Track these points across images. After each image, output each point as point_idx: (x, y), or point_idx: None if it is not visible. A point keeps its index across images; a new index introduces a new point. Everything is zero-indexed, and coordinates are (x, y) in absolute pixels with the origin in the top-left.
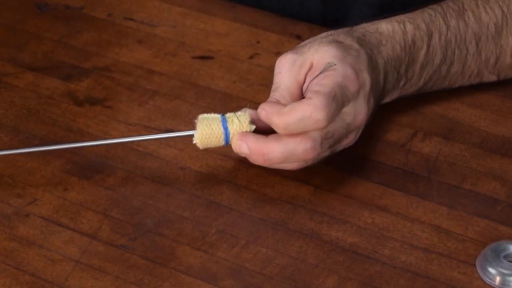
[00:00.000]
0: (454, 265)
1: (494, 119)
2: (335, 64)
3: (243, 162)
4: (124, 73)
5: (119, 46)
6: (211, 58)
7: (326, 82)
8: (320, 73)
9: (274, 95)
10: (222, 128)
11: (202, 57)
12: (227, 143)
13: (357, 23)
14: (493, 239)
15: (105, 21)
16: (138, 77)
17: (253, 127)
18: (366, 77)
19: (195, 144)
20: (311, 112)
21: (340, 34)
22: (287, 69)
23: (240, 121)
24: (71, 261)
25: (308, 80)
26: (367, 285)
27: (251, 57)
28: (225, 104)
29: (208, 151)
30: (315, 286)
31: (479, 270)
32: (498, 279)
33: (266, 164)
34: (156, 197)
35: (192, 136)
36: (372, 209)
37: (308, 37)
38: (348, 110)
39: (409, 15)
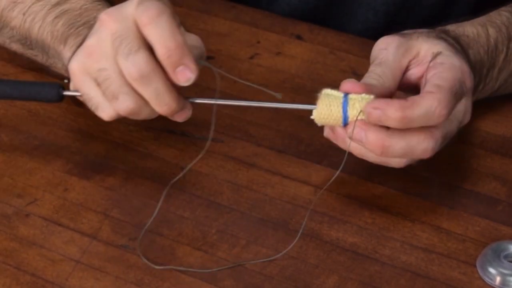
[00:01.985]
0: (454, 265)
1: (494, 119)
2: (441, 53)
3: (243, 162)
4: None
5: None
6: (211, 58)
7: (447, 76)
8: (432, 61)
9: (376, 70)
10: (341, 112)
11: None
12: (345, 125)
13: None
14: (493, 239)
15: None
16: None
17: None
18: (471, 81)
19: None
20: (436, 107)
21: (440, 33)
22: (394, 48)
23: (360, 107)
24: (72, 261)
25: (413, 68)
26: (368, 285)
27: (251, 57)
28: None
29: (208, 151)
30: (315, 286)
31: (479, 270)
32: (498, 279)
33: (380, 156)
34: (156, 197)
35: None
36: (372, 209)
37: (309, 37)
38: (460, 107)
39: (487, 17)
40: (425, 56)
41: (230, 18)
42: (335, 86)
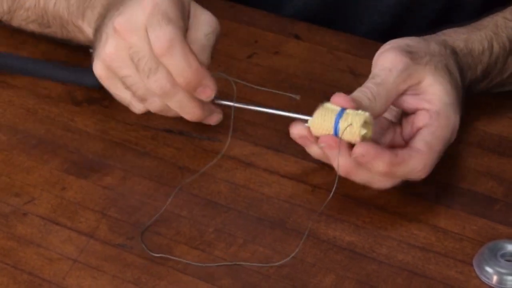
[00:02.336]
0: (451, 264)
1: (491, 118)
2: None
3: (240, 161)
4: None
5: None
6: None
7: (439, 135)
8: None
9: (373, 89)
10: (333, 123)
11: None
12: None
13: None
14: (490, 238)
15: None
16: None
17: (365, 131)
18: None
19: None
20: (420, 169)
21: (449, 59)
22: (398, 71)
23: (352, 122)
24: (69, 260)
25: (409, 93)
26: (365, 284)
27: (249, 57)
28: None
29: (206, 150)
30: (312, 285)
31: (476, 269)
32: (495, 278)
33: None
34: (154, 196)
35: (305, 120)
36: (369, 208)
37: (307, 37)
38: None
39: (495, 30)
40: (424, 87)
41: (228, 17)
42: (333, 85)
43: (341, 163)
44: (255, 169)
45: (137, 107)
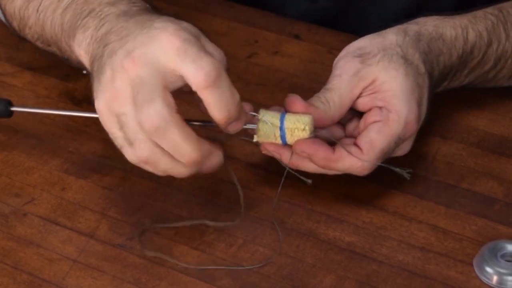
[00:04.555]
0: (451, 264)
1: (491, 119)
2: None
3: (240, 161)
4: None
5: None
6: None
7: (384, 132)
8: (382, 93)
9: (326, 95)
10: (279, 131)
11: None
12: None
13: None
14: (490, 238)
15: None
16: None
17: (308, 132)
18: (424, 108)
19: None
20: (358, 167)
21: (408, 47)
22: (348, 77)
23: (296, 125)
24: (69, 260)
25: (364, 95)
26: (365, 284)
27: (249, 57)
28: None
29: None
30: (312, 285)
31: (476, 269)
32: (495, 278)
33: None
34: (154, 197)
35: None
36: (369, 208)
37: (306, 37)
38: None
39: (472, 19)
40: (379, 85)
41: (228, 17)
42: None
43: (288, 160)
44: (255, 168)
45: (128, 152)
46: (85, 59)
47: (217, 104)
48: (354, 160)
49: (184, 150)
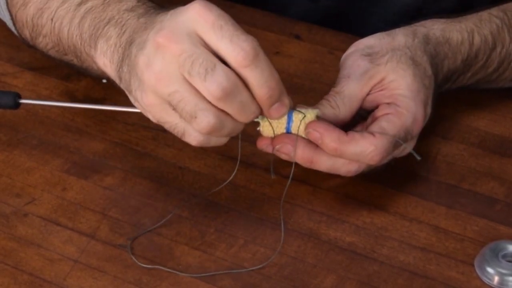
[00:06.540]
0: (452, 265)
1: (492, 119)
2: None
3: (241, 161)
4: None
5: None
6: None
7: (395, 122)
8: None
9: (335, 97)
10: (286, 118)
11: None
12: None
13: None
14: (491, 238)
15: None
16: None
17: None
18: (429, 109)
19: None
20: (370, 151)
21: (417, 49)
22: (357, 77)
23: (305, 114)
24: (70, 261)
25: (373, 93)
26: (366, 285)
27: None
28: None
29: (206, 150)
30: (313, 285)
31: (477, 270)
32: (496, 278)
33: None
34: (155, 197)
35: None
36: (370, 208)
37: (307, 37)
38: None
39: (478, 23)
40: (387, 84)
41: None
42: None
43: (301, 154)
44: (256, 169)
45: (192, 134)
46: (109, 68)
47: (259, 81)
48: (366, 144)
49: (252, 109)
